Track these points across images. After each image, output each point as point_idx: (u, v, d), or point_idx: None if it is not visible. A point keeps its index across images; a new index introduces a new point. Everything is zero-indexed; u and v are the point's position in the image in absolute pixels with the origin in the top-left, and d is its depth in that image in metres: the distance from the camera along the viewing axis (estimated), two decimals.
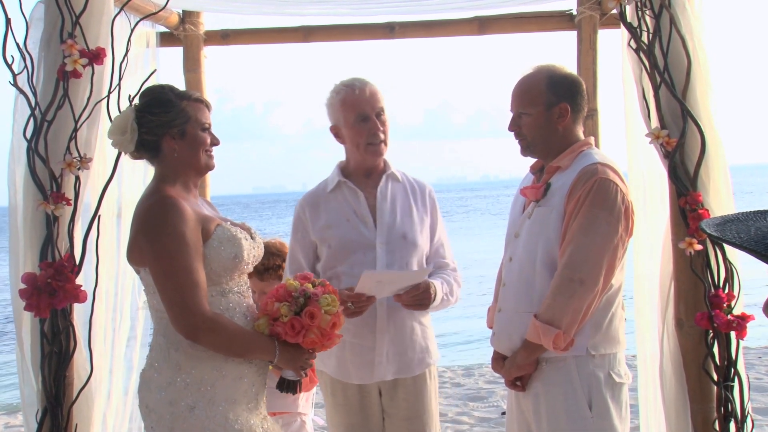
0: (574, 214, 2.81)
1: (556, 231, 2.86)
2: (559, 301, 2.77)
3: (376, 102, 3.26)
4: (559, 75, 2.96)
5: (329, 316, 2.69)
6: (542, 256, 2.88)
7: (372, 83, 3.29)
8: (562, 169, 2.92)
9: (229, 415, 2.60)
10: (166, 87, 2.77)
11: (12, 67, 3.05)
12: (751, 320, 3.10)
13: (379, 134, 3.26)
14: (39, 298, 2.96)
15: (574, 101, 2.94)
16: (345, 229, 3.23)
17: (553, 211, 2.88)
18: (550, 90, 2.92)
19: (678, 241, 3.16)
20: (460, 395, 7.27)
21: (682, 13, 3.16)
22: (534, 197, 2.95)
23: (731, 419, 3.12)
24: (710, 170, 3.16)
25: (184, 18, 4.35)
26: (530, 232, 2.93)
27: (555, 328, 2.76)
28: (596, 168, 2.84)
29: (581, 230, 2.78)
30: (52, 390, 3.04)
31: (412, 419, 3.29)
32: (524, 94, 2.96)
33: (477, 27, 4.34)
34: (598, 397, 2.82)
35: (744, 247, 1.31)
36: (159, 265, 2.55)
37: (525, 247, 2.94)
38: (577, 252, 2.77)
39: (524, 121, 2.95)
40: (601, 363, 2.85)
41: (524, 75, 3.00)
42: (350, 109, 3.24)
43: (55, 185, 3.06)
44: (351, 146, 3.31)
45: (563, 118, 2.93)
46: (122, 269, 3.63)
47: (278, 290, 2.73)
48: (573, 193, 2.83)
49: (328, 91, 3.34)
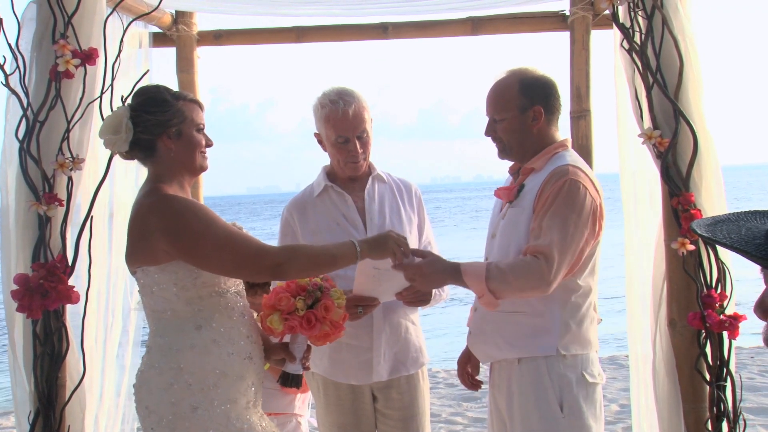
0: (541, 213, 2.81)
1: (526, 232, 2.86)
2: (509, 276, 2.75)
3: (359, 124, 3.23)
4: (531, 78, 2.96)
5: (341, 309, 2.75)
6: (515, 257, 2.88)
7: (358, 100, 3.23)
8: (536, 170, 2.92)
9: (231, 415, 2.60)
10: (161, 87, 2.76)
11: (4, 67, 3.05)
12: (743, 320, 3.11)
13: (358, 156, 3.26)
14: (31, 299, 2.95)
15: (547, 103, 2.94)
16: (335, 233, 3.24)
17: (524, 211, 2.88)
18: (522, 94, 2.92)
19: (670, 241, 3.17)
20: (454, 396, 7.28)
21: (674, 14, 3.17)
22: (507, 198, 2.97)
23: (724, 419, 3.13)
24: (702, 170, 3.17)
25: (177, 18, 4.34)
26: (503, 233, 2.95)
27: (490, 292, 2.76)
28: (567, 169, 2.84)
29: (549, 228, 2.77)
30: (44, 391, 3.04)
31: (407, 420, 3.30)
32: (498, 99, 2.96)
33: (470, 27, 4.34)
34: (569, 398, 2.82)
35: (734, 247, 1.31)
36: (200, 246, 2.55)
37: (499, 248, 2.96)
38: (543, 244, 2.76)
39: (500, 126, 2.96)
40: (573, 363, 2.84)
41: (497, 80, 3.00)
42: (332, 129, 3.23)
43: (47, 186, 3.05)
44: (332, 158, 3.33)
45: (537, 121, 2.93)
46: (114, 270, 3.62)
47: (289, 285, 2.77)
48: (543, 193, 2.83)
49: (316, 97, 3.31)
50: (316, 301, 2.74)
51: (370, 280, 3.04)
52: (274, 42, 4.66)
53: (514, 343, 2.89)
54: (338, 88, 3.27)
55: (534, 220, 2.83)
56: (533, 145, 2.95)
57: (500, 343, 2.92)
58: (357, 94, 3.26)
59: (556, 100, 2.97)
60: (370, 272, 3.02)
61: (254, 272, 2.67)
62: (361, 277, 3.03)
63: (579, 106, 4.16)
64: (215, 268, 2.60)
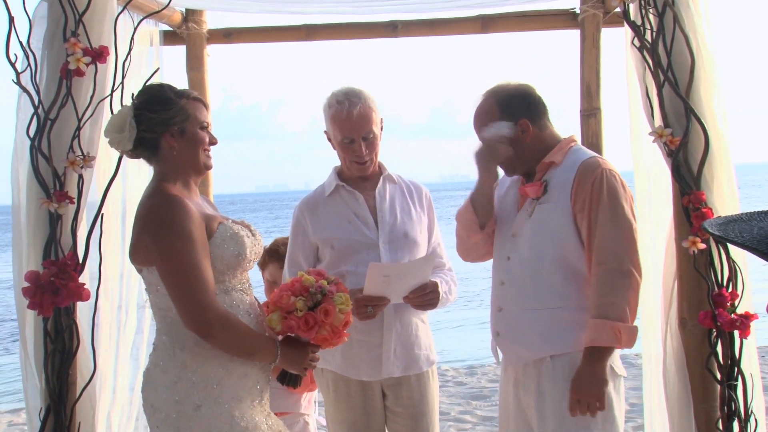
0: (587, 208, 2.83)
1: (563, 227, 2.89)
2: (620, 296, 2.78)
3: (365, 125, 3.23)
4: (505, 95, 3.00)
5: (342, 315, 2.71)
6: (552, 253, 2.90)
7: (365, 101, 3.24)
8: (556, 164, 2.95)
9: (235, 413, 2.61)
10: (164, 85, 2.77)
11: (15, 65, 3.05)
12: (755, 319, 3.10)
13: (363, 157, 3.27)
14: (42, 296, 2.96)
15: (529, 113, 2.98)
16: (348, 231, 3.25)
17: (557, 207, 2.90)
18: (504, 113, 2.96)
19: (681, 239, 3.16)
20: (463, 394, 7.28)
21: (685, 11, 3.16)
22: (534, 195, 2.96)
23: (735, 418, 3.12)
24: (714, 169, 3.15)
25: (187, 16, 4.35)
26: (534, 231, 2.94)
27: (626, 324, 2.78)
28: (596, 161, 2.90)
29: (610, 222, 2.81)
30: (55, 388, 3.05)
31: (417, 418, 3.31)
32: (483, 125, 3.00)
33: (480, 25, 4.33)
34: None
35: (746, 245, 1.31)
36: (168, 264, 2.55)
37: (530, 246, 2.94)
38: (615, 243, 2.80)
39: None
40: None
41: (476, 106, 3.05)
42: (338, 129, 3.25)
43: (58, 184, 3.06)
44: (340, 158, 3.36)
45: (527, 133, 2.96)
46: (128, 267, 3.62)
47: (294, 284, 2.73)
48: (580, 188, 2.86)
49: (326, 96, 3.33)
50: (317, 304, 2.69)
51: (379, 285, 3.07)
52: (283, 40, 4.67)
53: (550, 339, 2.88)
54: (347, 89, 3.28)
55: (586, 217, 2.84)
56: (534, 153, 2.98)
57: (534, 340, 2.90)
58: (365, 94, 3.26)
59: (537, 104, 3.01)
60: (379, 279, 3.04)
61: (185, 318, 2.54)
62: (371, 282, 3.05)
63: (589, 104, 4.16)
64: (168, 289, 2.56)
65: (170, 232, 2.54)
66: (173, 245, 2.53)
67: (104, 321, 3.37)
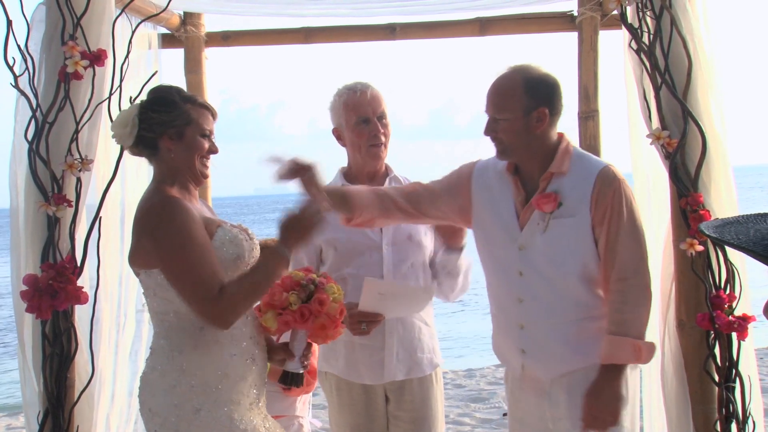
0: (607, 222, 2.78)
1: (584, 240, 2.81)
2: (640, 313, 2.77)
3: (378, 105, 3.27)
4: (536, 77, 2.82)
5: (336, 304, 2.73)
6: (574, 267, 2.82)
7: (374, 87, 3.30)
8: (563, 173, 2.83)
9: (234, 416, 2.60)
10: (173, 88, 2.77)
11: (13, 68, 3.06)
12: (753, 321, 3.10)
13: (380, 136, 3.27)
14: (40, 299, 2.96)
15: (552, 104, 2.82)
16: (351, 232, 3.23)
17: (577, 220, 2.80)
18: (528, 94, 2.77)
19: (679, 241, 3.16)
20: (462, 396, 7.28)
21: (683, 14, 3.17)
22: (550, 209, 2.81)
23: (732, 420, 3.12)
24: (711, 171, 3.16)
25: (185, 19, 4.35)
26: (551, 245, 2.82)
27: (645, 341, 2.78)
28: (612, 172, 2.82)
29: (630, 237, 2.78)
30: (53, 391, 3.05)
31: (419, 422, 3.29)
32: (501, 97, 2.81)
33: (478, 28, 4.34)
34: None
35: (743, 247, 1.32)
36: (171, 263, 2.54)
37: (547, 261, 2.83)
38: (636, 258, 2.79)
39: (501, 126, 2.81)
40: None
41: (499, 76, 2.84)
42: (352, 111, 3.25)
43: (56, 187, 3.06)
44: (352, 149, 3.33)
45: (542, 123, 2.79)
46: (126, 270, 3.61)
47: (283, 281, 2.74)
48: (600, 200, 2.78)
49: (332, 94, 3.36)
50: (310, 295, 2.72)
51: (374, 301, 3.06)
52: (281, 43, 4.68)
53: (581, 350, 2.82)
54: (353, 81, 3.34)
55: (600, 231, 2.79)
56: (536, 147, 2.84)
57: (566, 353, 2.83)
58: (373, 84, 3.33)
59: (560, 100, 2.86)
60: (374, 295, 3.04)
61: (201, 315, 2.54)
62: (366, 297, 3.04)
63: (587, 106, 4.16)
64: (176, 289, 2.55)
65: (170, 231, 2.54)
66: (174, 244, 2.53)
67: (103, 324, 3.37)
